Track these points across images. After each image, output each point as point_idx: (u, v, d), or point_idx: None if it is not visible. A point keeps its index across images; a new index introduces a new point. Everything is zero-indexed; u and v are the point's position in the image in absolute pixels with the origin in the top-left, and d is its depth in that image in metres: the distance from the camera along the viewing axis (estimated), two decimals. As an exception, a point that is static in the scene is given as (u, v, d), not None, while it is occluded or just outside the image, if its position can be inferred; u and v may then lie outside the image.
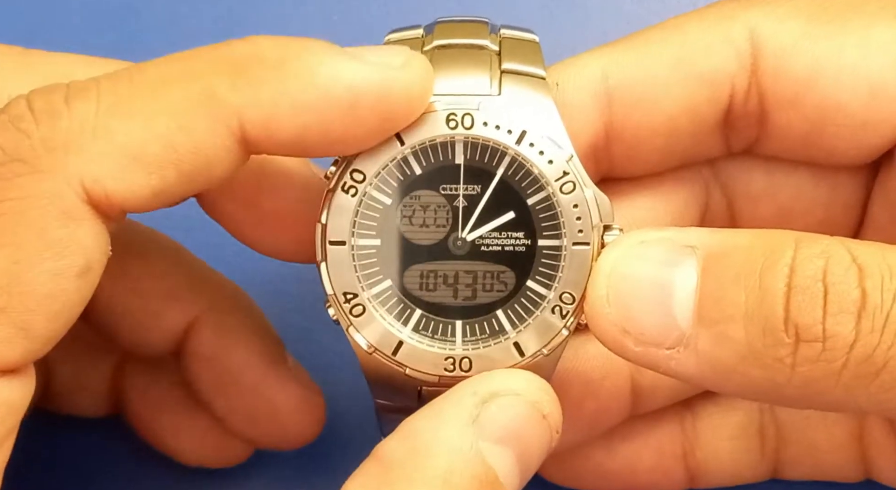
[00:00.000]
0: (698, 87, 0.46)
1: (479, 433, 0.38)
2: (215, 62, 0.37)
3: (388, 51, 0.40)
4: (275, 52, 0.38)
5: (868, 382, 0.37)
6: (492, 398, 0.39)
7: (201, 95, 0.37)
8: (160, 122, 0.36)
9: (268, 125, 0.37)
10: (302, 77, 0.37)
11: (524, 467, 0.39)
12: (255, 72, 0.37)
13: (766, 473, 0.54)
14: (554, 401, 0.40)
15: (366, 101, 0.38)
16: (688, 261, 0.40)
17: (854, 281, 0.37)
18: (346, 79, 0.38)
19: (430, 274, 0.43)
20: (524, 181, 0.42)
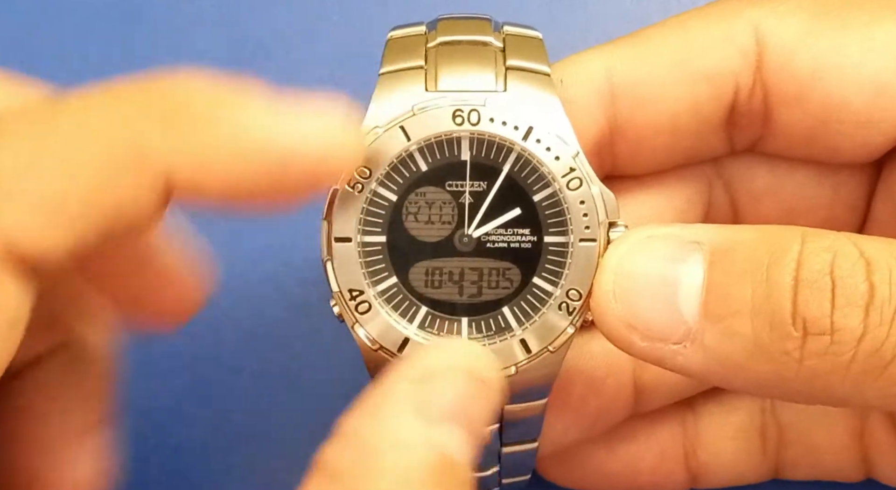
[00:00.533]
0: (702, 84, 0.46)
1: (424, 421, 0.36)
2: (145, 108, 0.35)
3: (322, 105, 0.38)
4: (206, 99, 0.35)
5: (876, 376, 0.37)
6: (426, 380, 0.37)
7: (129, 147, 0.34)
8: (81, 174, 0.33)
9: (195, 177, 0.35)
10: (234, 129, 0.35)
11: (474, 437, 0.38)
12: (185, 121, 0.35)
13: (767, 474, 0.54)
14: (488, 361, 0.39)
15: (297, 160, 0.36)
16: (694, 256, 0.40)
17: (862, 274, 0.37)
18: (277, 134, 0.36)
19: (435, 271, 0.43)
20: (531, 177, 0.42)
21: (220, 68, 0.64)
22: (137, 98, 0.35)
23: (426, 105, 0.42)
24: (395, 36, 0.44)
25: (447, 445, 0.36)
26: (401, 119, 0.42)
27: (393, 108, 0.42)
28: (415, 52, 0.43)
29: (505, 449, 0.46)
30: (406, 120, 0.42)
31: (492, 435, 0.45)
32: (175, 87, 0.36)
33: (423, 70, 0.43)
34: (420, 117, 0.42)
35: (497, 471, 0.48)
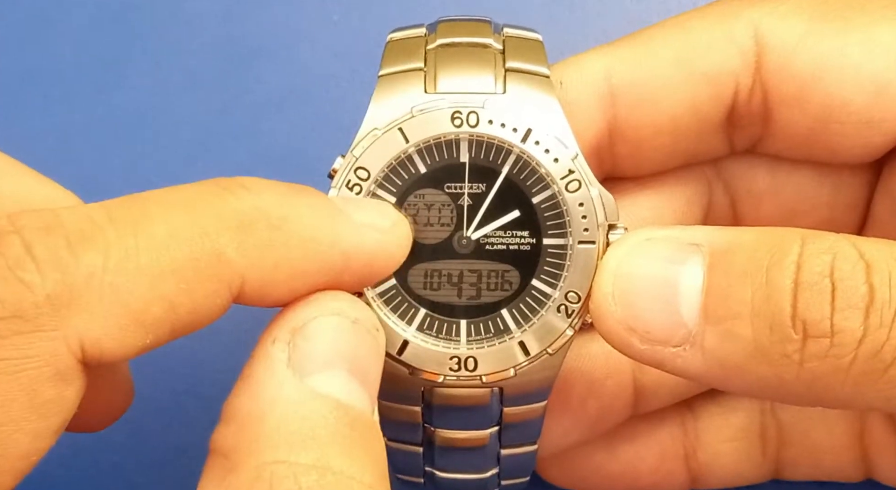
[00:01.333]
0: (702, 85, 0.46)
1: (300, 373, 0.36)
2: (223, 217, 0.36)
3: (376, 210, 0.40)
4: (278, 209, 0.37)
5: (877, 378, 0.37)
6: (293, 334, 0.37)
7: (209, 256, 0.35)
8: (166, 283, 0.34)
9: (265, 286, 0.37)
10: (304, 242, 0.37)
11: (362, 378, 0.37)
12: (260, 232, 0.36)
13: (767, 474, 0.54)
14: (356, 303, 0.38)
15: (356, 263, 0.38)
16: (693, 258, 0.40)
17: (862, 277, 0.37)
18: (342, 244, 0.38)
19: (434, 273, 0.43)
20: (529, 179, 0.42)
21: (220, 69, 0.64)
22: (215, 206, 0.36)
23: (425, 107, 0.42)
24: (395, 38, 0.44)
25: (333, 391, 0.36)
26: (400, 121, 0.42)
27: (392, 110, 0.42)
28: (414, 54, 0.43)
29: (504, 451, 0.46)
30: (405, 122, 0.42)
31: (491, 437, 0.45)
32: (249, 195, 0.37)
33: (422, 72, 0.43)
34: (419, 119, 0.42)
35: (496, 472, 0.48)
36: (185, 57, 0.64)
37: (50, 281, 0.33)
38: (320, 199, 0.38)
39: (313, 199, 0.38)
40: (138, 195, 0.36)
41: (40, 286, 0.33)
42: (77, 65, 0.64)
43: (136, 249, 0.34)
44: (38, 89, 0.64)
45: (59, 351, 0.33)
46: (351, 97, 0.62)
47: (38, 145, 0.63)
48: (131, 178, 0.62)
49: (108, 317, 0.34)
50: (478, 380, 0.43)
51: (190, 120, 0.63)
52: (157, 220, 0.35)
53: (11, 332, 0.33)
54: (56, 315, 0.33)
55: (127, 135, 0.63)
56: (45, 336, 0.33)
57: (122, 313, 0.34)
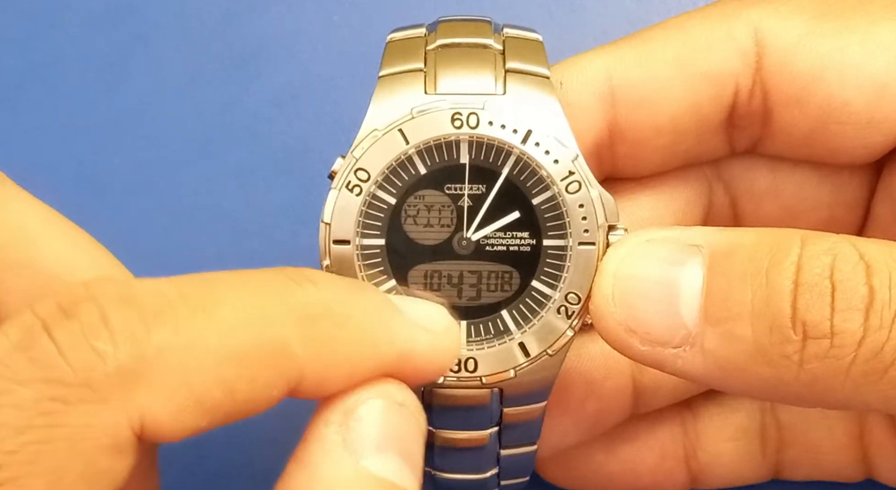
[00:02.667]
0: (702, 85, 0.46)
1: (355, 454, 0.37)
2: (289, 309, 0.36)
3: (431, 312, 0.40)
4: (342, 306, 0.37)
5: (877, 379, 0.37)
6: (346, 417, 0.37)
7: (273, 346, 0.35)
8: (229, 368, 0.34)
9: (323, 381, 0.37)
10: (364, 340, 0.37)
11: (410, 461, 0.38)
12: (324, 328, 0.36)
13: (767, 474, 0.54)
14: (401, 387, 0.39)
15: (409, 364, 0.39)
16: (693, 259, 0.40)
17: (862, 278, 0.37)
18: (399, 344, 0.38)
19: (434, 274, 0.43)
20: (529, 181, 0.42)
21: (220, 69, 0.64)
22: (283, 297, 0.36)
23: (425, 108, 0.42)
24: (395, 38, 0.44)
25: (387, 474, 0.37)
26: (400, 122, 0.42)
27: (392, 111, 0.42)
28: (414, 55, 0.43)
29: (504, 451, 0.46)
30: (405, 123, 0.42)
31: (491, 437, 0.45)
32: (315, 290, 0.37)
33: (422, 73, 0.43)
34: (419, 120, 0.42)
35: (496, 473, 0.48)
36: (186, 57, 0.64)
37: (122, 353, 0.33)
38: (381, 297, 0.39)
39: (375, 297, 0.39)
40: (207, 275, 0.36)
41: (112, 357, 0.33)
42: (77, 64, 0.64)
43: (205, 330, 0.34)
44: (38, 89, 0.64)
45: (120, 424, 0.33)
46: (351, 97, 0.62)
47: (38, 145, 0.63)
48: (131, 178, 0.62)
49: (171, 395, 0.34)
50: (478, 381, 0.43)
51: (190, 120, 0.63)
52: (226, 302, 0.35)
53: (78, 400, 0.32)
54: (123, 388, 0.33)
55: (127, 135, 0.63)
56: (110, 407, 0.33)
57: (185, 393, 0.34)
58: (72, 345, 0.33)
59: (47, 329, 0.33)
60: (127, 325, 0.33)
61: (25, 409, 0.32)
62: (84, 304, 0.34)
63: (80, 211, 0.61)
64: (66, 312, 0.33)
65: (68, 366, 0.32)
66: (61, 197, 0.61)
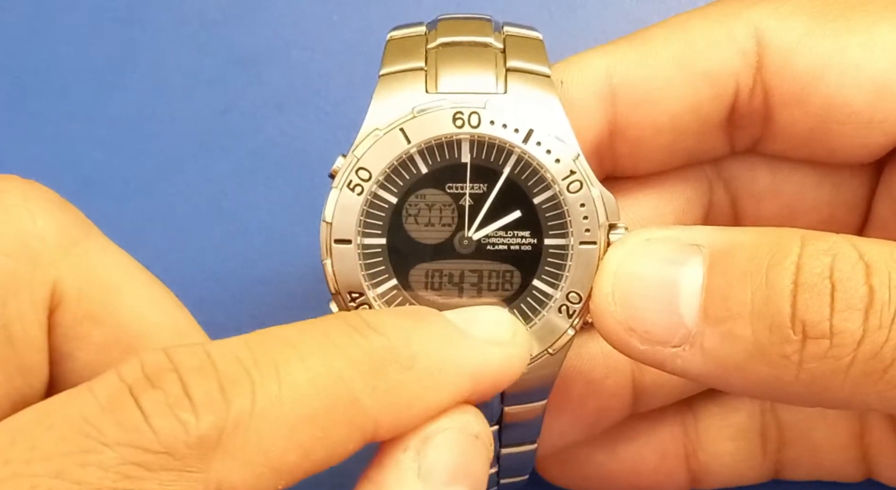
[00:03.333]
0: (702, 85, 0.46)
1: (429, 484, 0.37)
2: (355, 363, 0.36)
3: (495, 322, 0.40)
4: (405, 347, 0.37)
5: (876, 379, 0.37)
6: (423, 445, 0.38)
7: (345, 403, 0.36)
8: (304, 431, 0.35)
9: (398, 426, 0.37)
10: (433, 377, 0.37)
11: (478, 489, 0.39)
12: (391, 375, 0.36)
13: (767, 474, 0.54)
14: (478, 418, 0.39)
15: (482, 384, 0.39)
16: (694, 259, 0.40)
17: (861, 277, 0.37)
18: (468, 368, 0.38)
19: (435, 273, 0.43)
20: (531, 180, 0.42)
21: (220, 69, 0.64)
22: (346, 350, 0.36)
23: (426, 107, 0.42)
24: (395, 36, 0.44)
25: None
26: (401, 121, 0.42)
27: (393, 110, 0.42)
28: (415, 54, 0.43)
29: (503, 450, 0.46)
30: (406, 122, 0.42)
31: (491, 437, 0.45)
32: (378, 337, 0.37)
33: (423, 71, 0.43)
34: (420, 119, 0.42)
35: (495, 471, 0.48)
36: (186, 57, 0.64)
37: (204, 423, 0.33)
38: (442, 324, 0.39)
39: (437, 327, 0.39)
40: (274, 333, 0.37)
41: (195, 427, 0.33)
42: (77, 65, 0.64)
43: (279, 397, 0.35)
44: (37, 89, 0.64)
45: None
46: (351, 97, 0.62)
47: (38, 145, 0.63)
48: (132, 178, 0.62)
49: (248, 463, 0.34)
50: None
51: (190, 120, 0.63)
52: (296, 365, 0.35)
53: (160, 467, 0.33)
54: (203, 457, 0.33)
55: (127, 135, 0.63)
56: (190, 477, 0.33)
57: (261, 460, 0.34)
58: (157, 413, 0.33)
59: (134, 395, 0.33)
60: (207, 396, 0.34)
61: (109, 470, 0.32)
62: (167, 375, 0.34)
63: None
64: (151, 381, 0.34)
65: (153, 433, 0.33)
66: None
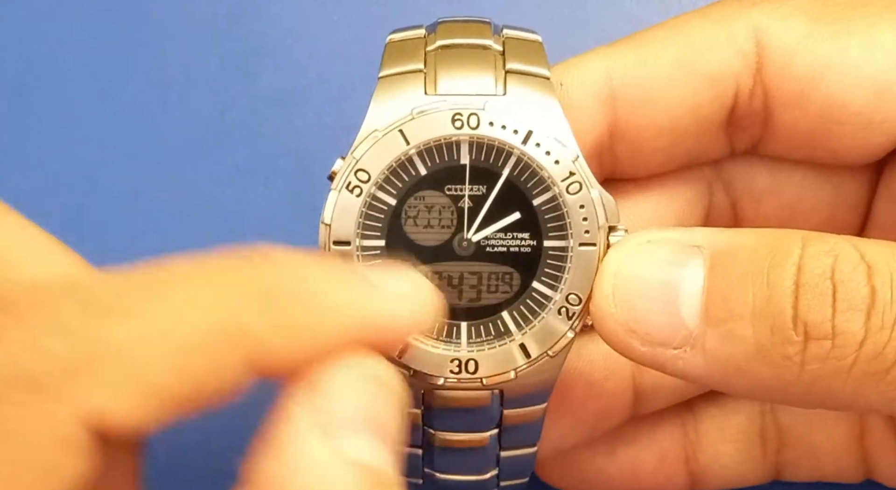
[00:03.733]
0: (702, 86, 0.46)
1: (327, 435, 0.35)
2: (244, 290, 0.35)
3: (399, 276, 0.39)
4: (300, 279, 0.36)
5: (878, 380, 0.37)
6: (318, 395, 0.36)
7: (229, 329, 0.34)
8: (184, 355, 0.33)
9: (288, 357, 0.35)
10: (327, 311, 0.36)
11: (387, 440, 0.36)
12: (282, 304, 0.35)
13: (767, 476, 0.54)
14: (381, 363, 0.37)
15: (382, 332, 0.37)
16: (694, 260, 0.40)
17: (863, 278, 0.37)
18: (366, 312, 0.37)
19: (434, 275, 0.43)
20: (530, 181, 0.42)
21: (220, 68, 0.64)
22: (237, 277, 0.35)
23: (425, 109, 0.42)
24: (395, 39, 0.44)
25: (360, 455, 0.35)
26: (400, 123, 0.42)
27: (392, 112, 0.42)
28: (414, 56, 0.43)
29: (504, 453, 0.46)
30: (405, 124, 0.42)
31: (491, 439, 0.45)
32: (270, 267, 0.36)
33: (422, 73, 0.43)
34: (419, 121, 0.42)
35: (496, 474, 0.48)
36: (185, 57, 0.64)
37: (66, 348, 0.32)
38: (342, 268, 0.37)
39: (335, 268, 0.37)
40: (158, 265, 0.35)
41: (56, 353, 0.32)
42: (77, 64, 0.64)
43: (155, 320, 0.33)
44: (37, 89, 0.64)
45: (68, 419, 0.32)
46: (351, 97, 0.62)
47: (37, 145, 0.63)
48: (131, 178, 0.62)
49: (121, 387, 0.33)
50: (478, 382, 0.43)
51: (190, 120, 0.63)
52: (176, 289, 0.34)
53: (21, 396, 0.32)
54: (69, 383, 0.32)
55: (127, 135, 0.63)
56: (56, 404, 0.32)
57: (137, 385, 0.33)
58: (12, 341, 0.32)
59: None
60: (71, 321, 0.32)
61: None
62: (27, 302, 0.33)
63: (80, 211, 0.62)
64: (7, 309, 0.33)
65: (11, 363, 0.32)
66: (61, 197, 0.62)
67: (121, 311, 0.33)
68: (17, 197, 0.42)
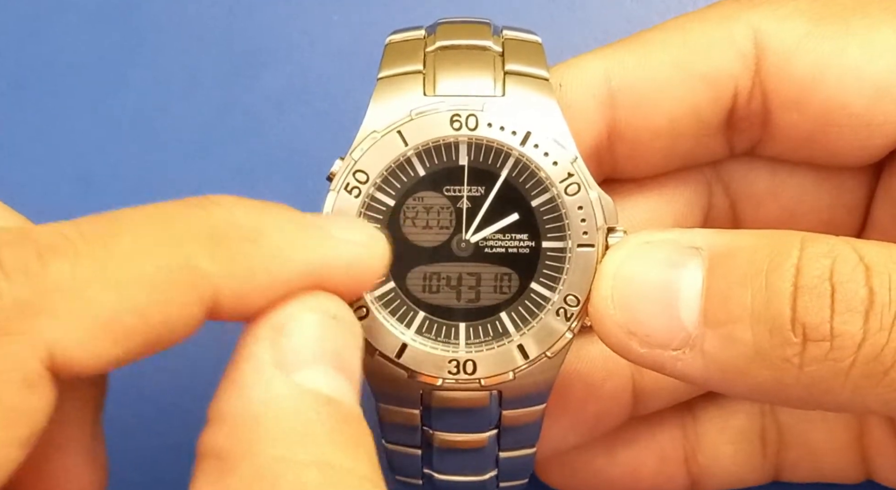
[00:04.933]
0: (701, 87, 0.46)
1: (286, 370, 0.35)
2: (194, 230, 0.36)
3: (351, 224, 0.39)
4: (251, 222, 0.36)
5: (876, 382, 0.37)
6: (275, 332, 0.36)
7: (180, 266, 0.35)
8: (135, 293, 0.34)
9: (240, 297, 0.36)
10: (279, 252, 0.36)
11: (346, 372, 0.37)
12: (232, 243, 0.36)
13: (767, 476, 0.54)
14: (333, 299, 0.38)
15: (333, 275, 0.38)
16: (693, 262, 0.40)
17: (861, 280, 0.37)
18: (317, 255, 0.37)
19: (433, 276, 0.43)
20: (529, 182, 0.42)
21: (220, 68, 0.64)
22: (186, 220, 0.36)
23: (424, 110, 0.42)
24: (394, 40, 0.44)
25: (321, 386, 0.36)
26: (399, 124, 0.42)
27: (391, 113, 0.42)
28: (413, 57, 0.43)
29: (503, 454, 0.46)
30: (404, 125, 0.42)
31: (490, 439, 0.45)
32: (220, 210, 0.36)
33: (421, 74, 0.43)
34: (418, 122, 0.42)
35: (495, 475, 0.48)
36: (186, 57, 0.64)
37: (17, 286, 0.33)
38: (293, 213, 0.38)
39: (286, 212, 0.38)
40: (109, 213, 0.36)
41: (7, 291, 0.33)
42: (77, 64, 0.64)
43: (104, 259, 0.34)
44: (37, 89, 0.64)
45: (26, 356, 0.33)
46: (351, 97, 0.62)
47: (37, 145, 0.63)
48: (131, 177, 0.62)
49: (76, 324, 0.33)
50: (477, 383, 0.43)
51: (190, 120, 0.63)
52: (126, 233, 0.35)
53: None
54: (23, 320, 0.33)
55: (127, 135, 0.63)
56: (11, 340, 0.33)
57: (91, 322, 0.33)
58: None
59: None
60: (21, 263, 0.33)
61: None
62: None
63: (80, 211, 0.62)
64: None
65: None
66: (61, 197, 0.62)
67: (72, 252, 0.34)
68: (18, 196, 0.42)
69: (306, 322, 0.37)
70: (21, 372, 0.33)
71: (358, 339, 0.38)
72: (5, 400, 0.33)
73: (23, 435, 0.33)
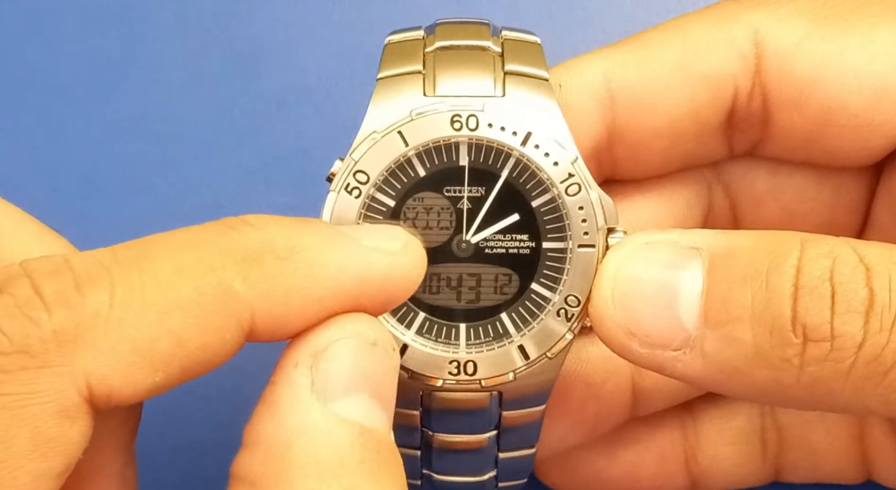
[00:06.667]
0: (701, 88, 0.46)
1: (324, 398, 0.36)
2: (228, 252, 0.36)
3: (385, 233, 0.39)
4: (284, 240, 0.36)
5: (877, 382, 0.37)
6: (314, 358, 0.36)
7: (216, 290, 0.35)
8: (173, 318, 0.34)
9: (277, 318, 0.36)
10: (313, 270, 0.36)
11: (382, 400, 0.37)
12: (267, 264, 0.36)
13: (767, 477, 0.54)
14: (374, 324, 0.38)
15: (369, 288, 0.38)
16: (693, 262, 0.40)
17: (861, 280, 0.37)
18: (352, 269, 0.37)
19: (433, 276, 0.43)
20: (529, 183, 0.42)
21: (220, 69, 0.64)
22: (220, 242, 0.36)
23: (424, 110, 0.42)
24: (394, 40, 0.44)
25: (357, 416, 0.36)
26: (399, 124, 0.42)
27: (391, 113, 0.42)
28: (413, 57, 0.43)
29: (502, 454, 0.46)
30: (404, 125, 0.42)
31: (489, 440, 0.45)
32: (254, 231, 0.37)
33: (421, 75, 0.43)
34: (418, 122, 0.42)
35: (494, 475, 0.48)
36: (186, 57, 0.64)
37: (57, 317, 0.33)
38: (326, 227, 0.38)
39: (319, 227, 0.38)
40: (143, 238, 0.36)
41: (47, 322, 0.33)
42: (77, 64, 0.64)
43: (140, 286, 0.34)
44: (37, 89, 0.64)
45: (65, 387, 0.33)
46: (351, 97, 0.62)
47: (38, 145, 0.63)
48: (131, 178, 0.62)
49: (114, 353, 0.34)
50: (477, 384, 0.43)
51: (190, 120, 0.63)
52: (161, 258, 0.35)
53: (17, 367, 0.33)
54: (62, 351, 0.33)
55: (127, 135, 0.63)
56: (51, 372, 0.33)
57: (129, 350, 0.34)
58: (5, 316, 0.33)
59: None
60: (60, 293, 0.34)
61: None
62: (17, 280, 0.34)
63: (80, 211, 0.62)
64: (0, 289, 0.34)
65: (3, 335, 0.33)
66: (61, 197, 0.62)
67: (108, 280, 0.34)
68: (17, 196, 0.42)
69: (345, 349, 0.37)
70: (59, 404, 0.33)
71: (395, 365, 0.38)
72: (42, 432, 0.33)
73: (58, 466, 0.34)
